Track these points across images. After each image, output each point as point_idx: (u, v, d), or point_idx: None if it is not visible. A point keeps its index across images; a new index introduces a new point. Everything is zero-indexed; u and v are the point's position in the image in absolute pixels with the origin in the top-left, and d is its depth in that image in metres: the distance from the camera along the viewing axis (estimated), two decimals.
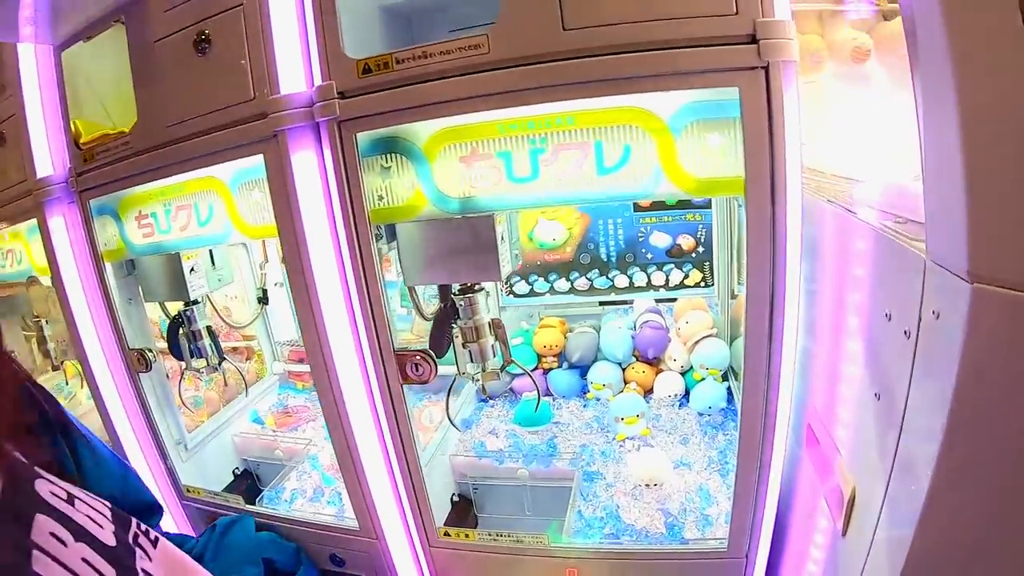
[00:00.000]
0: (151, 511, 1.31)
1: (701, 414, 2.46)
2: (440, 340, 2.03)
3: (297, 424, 2.78)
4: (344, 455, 2.08)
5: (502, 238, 1.84)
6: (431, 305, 2.08)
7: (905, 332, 1.16)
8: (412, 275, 1.94)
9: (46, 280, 2.47)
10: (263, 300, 2.78)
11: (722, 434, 2.39)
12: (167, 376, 2.54)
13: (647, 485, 2.15)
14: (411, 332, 2.74)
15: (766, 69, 1.44)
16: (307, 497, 2.46)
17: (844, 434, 1.59)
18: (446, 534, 2.15)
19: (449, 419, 2.14)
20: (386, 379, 1.97)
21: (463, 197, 1.76)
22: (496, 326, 2.02)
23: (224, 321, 2.74)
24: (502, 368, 2.06)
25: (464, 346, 2.01)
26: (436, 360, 1.94)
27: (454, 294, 1.99)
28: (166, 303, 2.45)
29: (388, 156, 1.78)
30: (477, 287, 1.99)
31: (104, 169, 2.18)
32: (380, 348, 1.93)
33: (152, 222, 2.19)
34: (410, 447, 2.03)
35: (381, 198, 1.82)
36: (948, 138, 0.94)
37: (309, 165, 1.82)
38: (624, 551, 2.04)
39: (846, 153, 1.93)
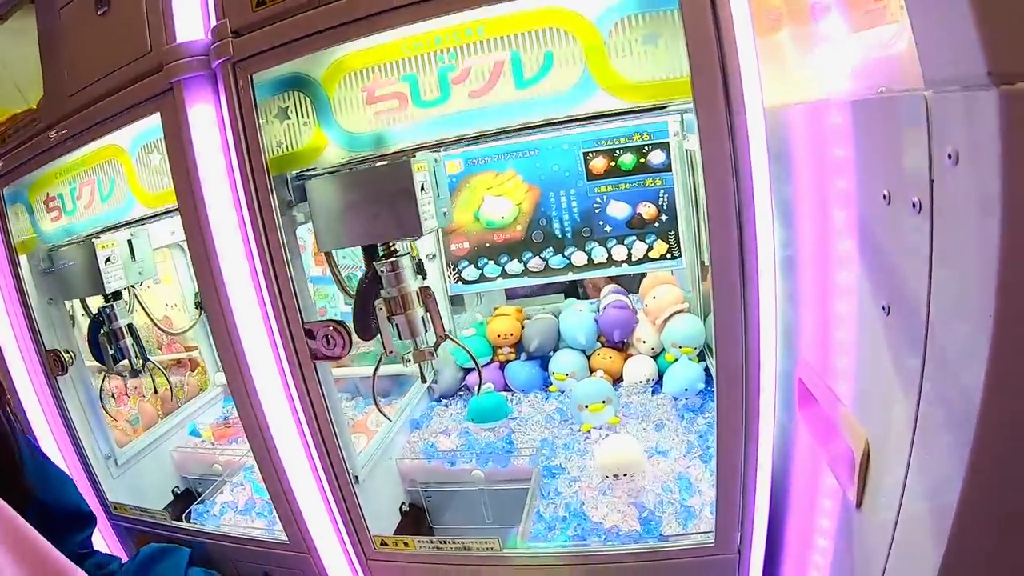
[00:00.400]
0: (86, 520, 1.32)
1: (677, 398, 1.95)
2: (364, 316, 1.55)
3: (237, 435, 2.26)
4: (261, 450, 1.62)
5: (422, 188, 1.44)
6: None
7: (913, 205, 0.78)
8: (326, 239, 1.52)
9: None
10: (201, 306, 2.29)
11: (701, 417, 1.88)
12: (98, 387, 2.07)
13: (616, 476, 1.64)
14: None
15: None
16: (237, 510, 1.96)
17: (846, 378, 1.12)
18: (383, 543, 1.64)
19: (376, 404, 1.63)
20: (297, 358, 1.50)
21: (369, 132, 1.42)
22: (426, 296, 1.54)
23: (161, 329, 2.28)
24: (436, 345, 1.57)
25: (389, 319, 1.53)
26: (351, 333, 1.49)
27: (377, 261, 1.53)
28: (86, 299, 2.02)
29: (285, 95, 1.44)
30: (401, 251, 1.53)
31: (16, 152, 1.83)
32: (287, 319, 1.49)
33: (59, 204, 1.87)
34: (331, 441, 1.56)
35: (280, 144, 1.46)
36: None
37: (206, 117, 1.49)
38: (593, 554, 1.54)
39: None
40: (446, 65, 1.32)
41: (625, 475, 1.63)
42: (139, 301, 2.07)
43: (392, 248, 1.53)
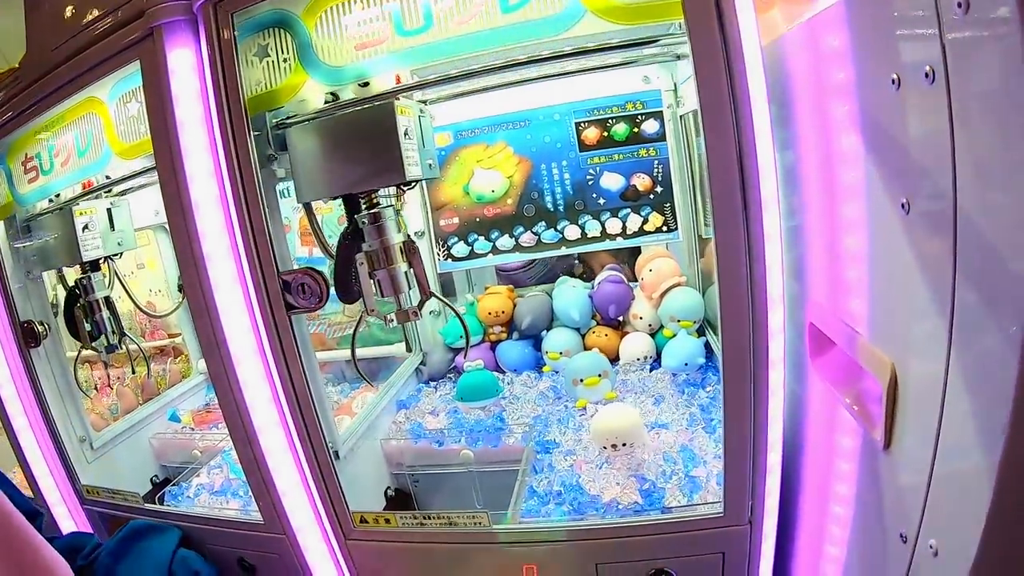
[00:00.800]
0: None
1: (676, 373, 1.76)
2: (345, 274, 1.39)
3: (218, 421, 2.07)
4: (233, 417, 1.44)
5: (406, 133, 1.29)
6: None
7: (926, 75, 0.69)
8: (306, 189, 1.37)
9: None
10: (183, 288, 2.12)
11: (703, 391, 1.69)
12: (72, 366, 1.90)
13: (614, 447, 1.45)
14: (343, 314, 2.09)
15: None
16: (212, 491, 1.76)
17: (861, 304, 0.98)
18: (363, 520, 1.45)
19: (355, 367, 1.45)
20: (270, 309, 1.35)
21: (352, 65, 1.29)
22: (410, 251, 1.38)
23: (145, 313, 2.10)
24: (421, 303, 1.40)
25: (371, 275, 1.36)
26: (327, 283, 1.32)
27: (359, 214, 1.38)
28: (65, 272, 1.88)
29: (265, 33, 1.32)
30: (384, 202, 1.37)
31: None
32: (261, 268, 1.34)
33: (36, 164, 1.74)
34: (308, 407, 1.39)
35: (259, 82, 1.34)
36: None
37: (185, 61, 1.36)
38: (591, 528, 1.35)
39: None
40: None
41: (624, 445, 1.44)
42: (119, 277, 1.90)
43: (374, 200, 1.37)
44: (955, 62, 0.64)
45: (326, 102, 1.38)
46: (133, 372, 2.06)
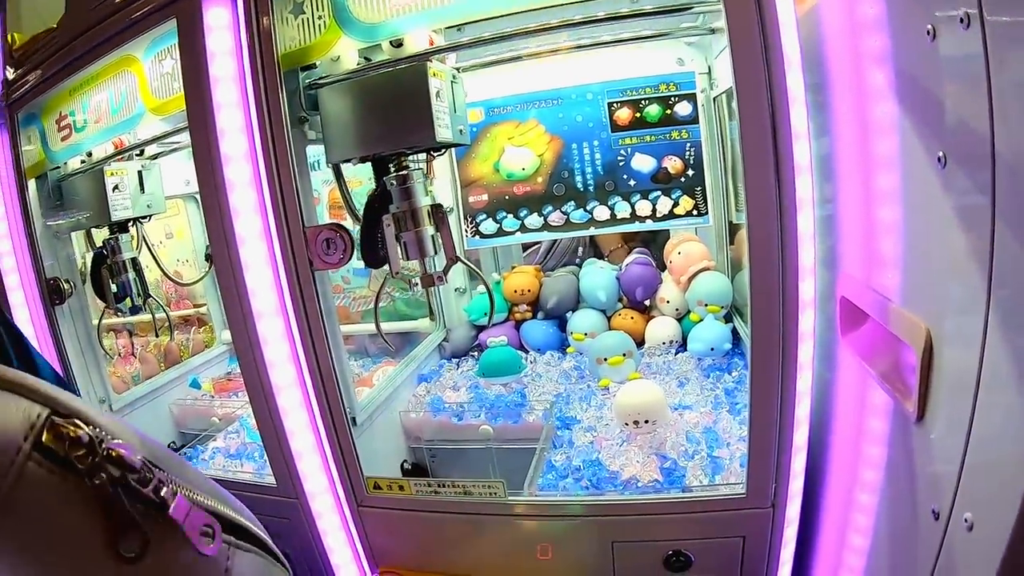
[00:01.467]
0: None
1: (701, 358, 1.74)
2: (371, 237, 1.39)
3: (238, 389, 2.08)
4: (251, 373, 1.43)
5: (438, 94, 1.30)
6: None
7: (961, 21, 0.67)
8: (336, 149, 1.38)
9: None
10: (211, 258, 2.14)
11: (729, 375, 1.67)
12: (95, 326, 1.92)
13: (636, 424, 1.43)
14: (367, 288, 2.09)
15: None
16: (228, 454, 1.77)
17: (895, 269, 0.95)
18: (376, 487, 1.45)
19: (378, 331, 1.45)
20: (294, 264, 1.34)
21: (385, 22, 1.27)
22: (438, 216, 1.38)
23: (173, 280, 2.13)
24: (446, 268, 1.40)
25: (397, 237, 1.37)
26: (352, 238, 1.32)
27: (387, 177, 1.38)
28: (91, 230, 1.91)
29: None
30: (413, 164, 1.38)
31: (35, 72, 1.75)
32: (288, 225, 1.34)
33: (70, 121, 1.75)
34: (327, 368, 1.39)
35: (294, 39, 1.34)
36: None
37: (221, 20, 1.36)
38: (610, 503, 1.34)
39: None
40: None
41: (647, 422, 1.43)
42: (148, 246, 1.93)
43: (403, 163, 1.38)
44: (989, 4, 0.63)
45: (359, 62, 1.40)
46: (156, 336, 2.08)
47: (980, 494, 0.75)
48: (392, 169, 1.38)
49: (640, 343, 1.87)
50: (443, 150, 1.46)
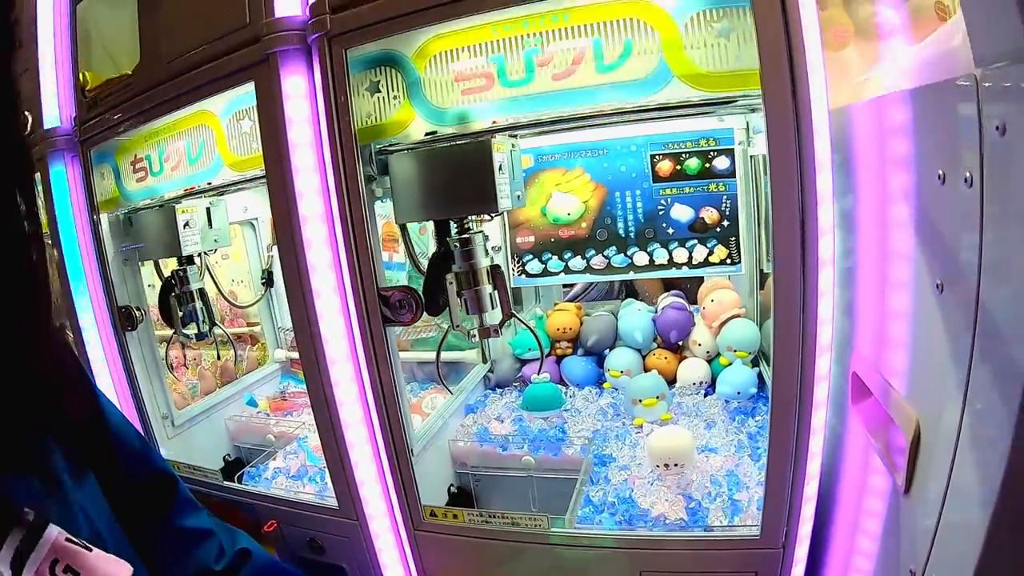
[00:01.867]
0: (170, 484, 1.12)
1: (728, 400, 2.03)
2: (434, 290, 1.67)
3: (293, 409, 2.41)
4: (322, 413, 1.73)
5: (500, 168, 1.56)
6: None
7: (965, 180, 0.84)
8: (404, 211, 1.65)
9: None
10: (268, 282, 2.50)
11: (752, 420, 1.95)
12: (163, 350, 2.23)
13: (666, 465, 1.71)
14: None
15: None
16: (289, 475, 2.08)
17: (899, 360, 1.19)
18: (432, 514, 1.74)
19: (438, 374, 1.75)
20: (367, 320, 1.63)
21: (455, 109, 1.54)
22: (495, 274, 1.66)
23: (228, 301, 2.43)
24: (502, 323, 1.68)
25: (459, 294, 1.66)
26: (421, 300, 1.61)
27: (450, 238, 1.66)
28: (160, 261, 2.20)
29: (377, 70, 1.58)
30: (475, 228, 1.67)
31: (107, 115, 1.99)
32: (362, 282, 1.62)
33: (146, 165, 2.02)
34: (394, 408, 1.67)
35: (369, 115, 1.60)
36: None
37: (299, 88, 1.61)
38: (640, 538, 1.61)
39: None
40: (532, 48, 1.43)
41: (676, 465, 1.71)
42: (209, 271, 2.22)
43: (465, 225, 1.65)
44: (990, 176, 0.80)
45: (426, 134, 1.63)
46: (219, 357, 2.38)
47: (945, 563, 0.97)
48: (454, 228, 1.66)
49: (672, 381, 2.15)
50: (501, 213, 1.74)
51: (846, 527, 1.48)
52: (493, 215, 1.73)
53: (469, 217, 1.66)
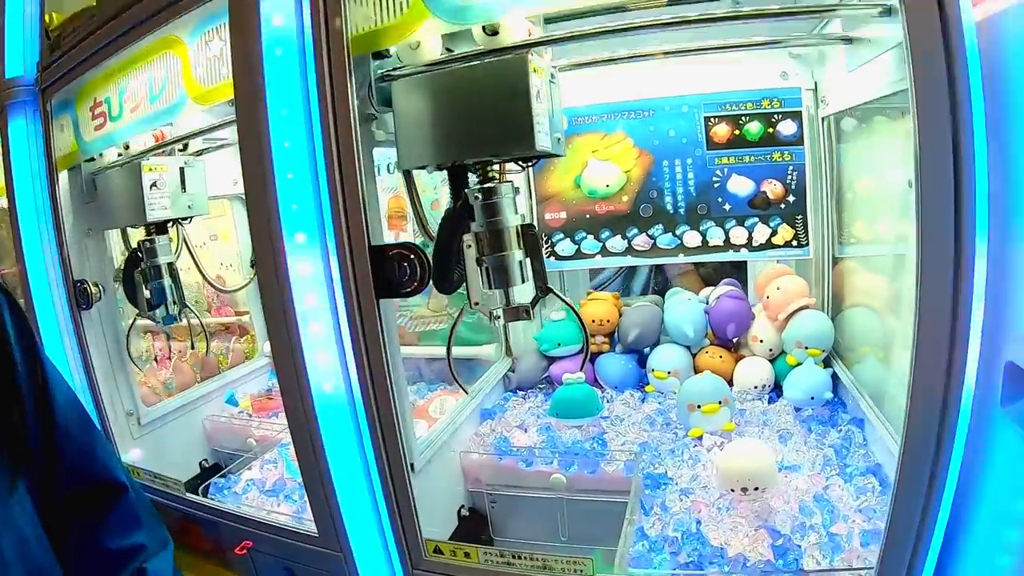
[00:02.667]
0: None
1: (799, 408, 1.44)
2: (446, 258, 1.11)
3: (279, 409, 1.77)
4: (295, 408, 1.14)
5: (538, 94, 1.00)
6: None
7: None
8: (411, 154, 1.09)
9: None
10: (256, 264, 1.89)
11: (835, 430, 1.35)
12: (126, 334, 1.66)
13: (744, 489, 1.14)
14: (426, 307, 1.81)
15: None
16: (264, 490, 1.48)
17: None
18: (437, 551, 1.15)
19: (450, 369, 1.17)
20: (354, 288, 1.05)
21: (478, 2, 0.99)
22: (528, 238, 1.10)
23: (213, 286, 1.87)
24: (535, 300, 1.12)
25: (478, 261, 1.08)
26: (427, 262, 1.03)
27: (468, 189, 1.10)
28: (128, 230, 1.65)
29: None
30: (499, 175, 1.11)
31: (69, 53, 1.51)
32: (349, 238, 1.04)
33: (105, 110, 1.50)
34: (387, 408, 1.09)
35: (368, 18, 1.04)
36: None
37: None
38: None
39: None
40: None
41: (755, 489, 1.14)
42: (189, 249, 1.66)
43: (489, 174, 1.10)
44: None
45: (442, 54, 1.11)
46: (193, 348, 1.81)
47: None
48: (475, 178, 1.11)
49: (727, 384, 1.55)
50: (535, 161, 1.18)
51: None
52: (527, 163, 1.18)
53: (493, 164, 1.11)
